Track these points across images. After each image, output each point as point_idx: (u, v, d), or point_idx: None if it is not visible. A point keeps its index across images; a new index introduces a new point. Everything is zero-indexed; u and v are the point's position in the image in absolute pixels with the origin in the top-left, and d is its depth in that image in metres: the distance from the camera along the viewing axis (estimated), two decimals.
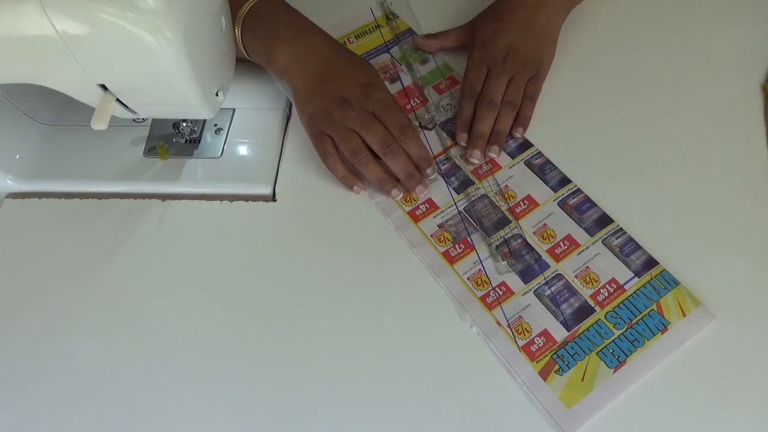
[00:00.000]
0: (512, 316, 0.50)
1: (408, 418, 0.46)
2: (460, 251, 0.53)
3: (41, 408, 0.49)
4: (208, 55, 0.48)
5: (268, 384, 0.49)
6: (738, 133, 0.57)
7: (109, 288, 0.54)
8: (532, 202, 0.55)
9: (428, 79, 0.64)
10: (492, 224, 0.54)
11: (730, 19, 0.64)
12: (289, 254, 0.54)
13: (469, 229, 0.54)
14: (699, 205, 0.54)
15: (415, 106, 0.62)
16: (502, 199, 0.55)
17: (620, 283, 0.50)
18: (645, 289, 0.50)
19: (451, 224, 0.55)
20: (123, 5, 0.40)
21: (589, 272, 0.51)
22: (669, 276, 0.50)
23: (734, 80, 0.60)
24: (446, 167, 0.58)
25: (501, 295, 0.51)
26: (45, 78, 0.46)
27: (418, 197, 0.56)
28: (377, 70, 0.59)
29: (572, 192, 0.55)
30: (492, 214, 0.55)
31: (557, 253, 0.52)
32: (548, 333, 0.49)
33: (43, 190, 0.60)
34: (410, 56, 0.65)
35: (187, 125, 0.60)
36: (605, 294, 0.50)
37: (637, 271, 0.51)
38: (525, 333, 0.49)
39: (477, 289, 0.51)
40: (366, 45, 0.67)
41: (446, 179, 0.57)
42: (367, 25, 0.69)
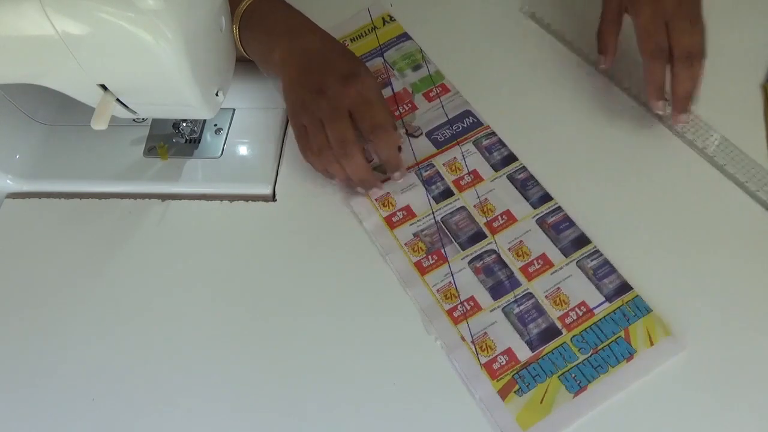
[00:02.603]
0: (477, 332, 0.49)
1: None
2: (433, 262, 0.53)
3: (41, 408, 0.49)
4: (208, 55, 0.48)
5: (268, 383, 0.49)
6: (738, 133, 0.57)
7: (109, 288, 0.54)
8: (510, 218, 0.54)
9: (419, 86, 0.63)
10: (467, 238, 0.53)
11: (730, 20, 0.64)
12: (288, 254, 0.54)
13: (444, 241, 0.54)
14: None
15: (403, 112, 0.61)
16: (481, 212, 0.55)
17: (590, 307, 0.50)
18: (614, 315, 0.49)
19: (427, 234, 0.54)
20: (123, 5, 0.40)
21: (560, 293, 0.50)
22: (641, 303, 0.49)
23: (734, 80, 0.60)
24: (428, 174, 0.57)
25: (468, 309, 0.50)
26: (45, 78, 0.46)
27: (395, 203, 0.56)
28: None
29: (552, 210, 0.54)
30: (468, 227, 0.54)
31: (530, 271, 0.52)
32: (512, 352, 0.48)
33: (43, 190, 0.60)
34: (402, 61, 0.64)
35: (187, 125, 0.60)
36: (573, 317, 0.49)
37: (609, 296, 0.50)
38: (488, 350, 0.48)
39: (445, 302, 0.51)
40: (360, 48, 0.66)
41: (426, 187, 0.56)
42: (363, 27, 0.68)
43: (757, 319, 0.48)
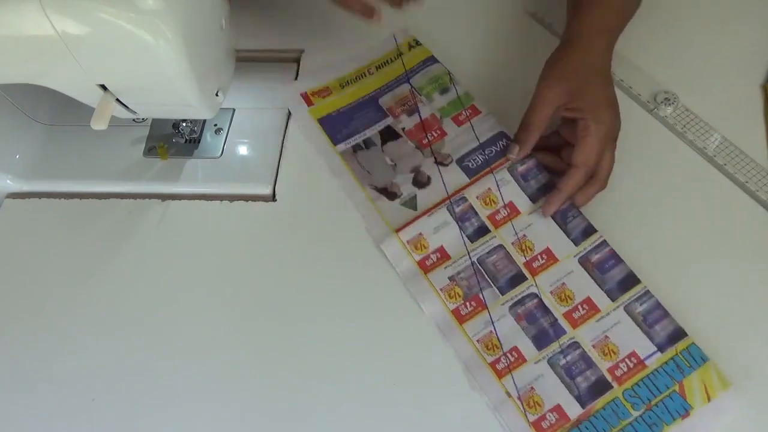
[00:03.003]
0: (523, 387, 0.46)
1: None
2: (471, 309, 0.50)
3: (41, 408, 0.49)
4: (208, 55, 0.48)
5: (267, 383, 0.49)
6: (739, 133, 0.57)
7: (108, 288, 0.54)
8: (550, 257, 0.51)
9: (447, 110, 0.60)
10: (506, 281, 0.50)
11: (730, 20, 0.64)
12: (288, 254, 0.54)
13: (482, 285, 0.50)
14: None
15: (432, 140, 0.58)
16: (519, 251, 0.51)
17: (641, 358, 0.46)
18: (668, 366, 0.46)
19: (463, 278, 0.51)
20: (123, 5, 0.40)
21: (608, 342, 0.47)
22: (697, 351, 0.46)
23: (734, 80, 0.60)
24: (461, 209, 0.53)
25: (512, 362, 0.47)
26: (45, 78, 0.46)
27: (428, 244, 0.52)
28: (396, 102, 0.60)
29: (596, 245, 0.51)
30: (507, 268, 0.51)
31: (575, 317, 0.48)
32: (561, 409, 0.45)
33: (43, 190, 0.60)
34: (429, 86, 0.61)
35: (187, 125, 0.60)
36: (624, 369, 0.46)
37: (661, 345, 0.47)
38: (536, 407, 0.45)
39: (487, 353, 0.48)
40: (386, 76, 0.63)
41: (460, 224, 0.53)
42: (389, 54, 0.65)
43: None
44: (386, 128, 0.60)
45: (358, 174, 0.57)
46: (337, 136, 0.59)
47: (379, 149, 0.59)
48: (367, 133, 0.60)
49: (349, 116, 0.61)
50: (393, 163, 0.58)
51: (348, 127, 0.60)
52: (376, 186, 0.56)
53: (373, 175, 0.57)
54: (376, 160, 0.58)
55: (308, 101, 0.62)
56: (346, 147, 0.59)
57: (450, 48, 0.64)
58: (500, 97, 0.60)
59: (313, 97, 0.62)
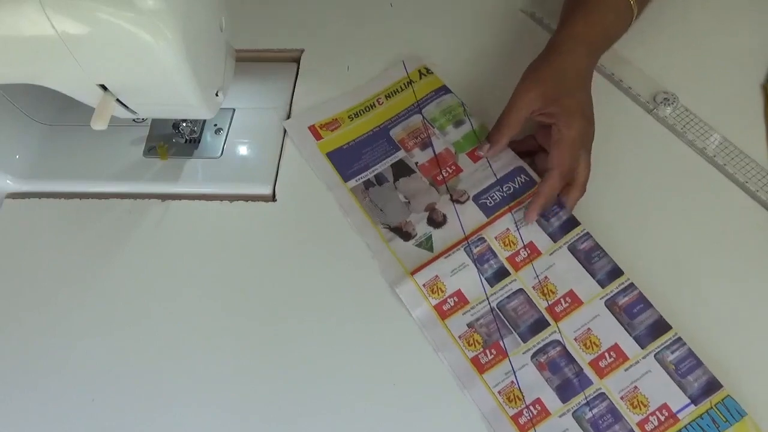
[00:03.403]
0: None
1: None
2: (491, 358, 0.47)
3: (41, 408, 0.49)
4: (207, 55, 0.48)
5: (267, 383, 0.49)
6: (739, 133, 0.57)
7: (108, 288, 0.54)
8: (575, 300, 0.48)
9: (462, 144, 0.57)
10: (528, 327, 0.48)
11: (729, 20, 0.64)
12: (289, 254, 0.54)
13: (502, 332, 0.48)
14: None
15: (446, 176, 0.56)
16: (541, 294, 0.49)
17: (673, 411, 0.44)
18: (702, 421, 0.43)
19: (482, 324, 0.48)
20: (123, 5, 0.40)
21: (637, 394, 0.44)
22: (733, 405, 0.43)
23: (734, 80, 0.60)
24: (479, 250, 0.51)
25: (535, 415, 0.45)
26: (45, 78, 0.46)
27: (446, 287, 0.50)
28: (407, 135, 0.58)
29: (623, 288, 0.48)
30: (528, 313, 0.49)
31: (601, 366, 0.46)
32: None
33: (43, 190, 0.60)
34: (442, 117, 0.59)
35: (187, 125, 0.60)
36: (655, 423, 0.43)
37: (694, 397, 0.44)
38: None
39: (509, 405, 0.45)
40: (396, 106, 0.60)
41: (478, 266, 0.50)
42: (399, 82, 0.62)
43: None
44: (398, 162, 0.57)
45: (370, 211, 0.55)
46: (348, 172, 0.57)
47: (392, 185, 0.56)
48: (378, 168, 0.57)
49: (359, 150, 0.58)
50: (407, 200, 0.55)
51: (359, 161, 0.58)
52: (389, 225, 0.54)
53: (385, 213, 0.55)
54: (389, 197, 0.56)
55: (317, 135, 0.59)
56: (357, 183, 0.56)
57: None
58: None
59: (321, 130, 0.60)
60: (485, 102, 0.59)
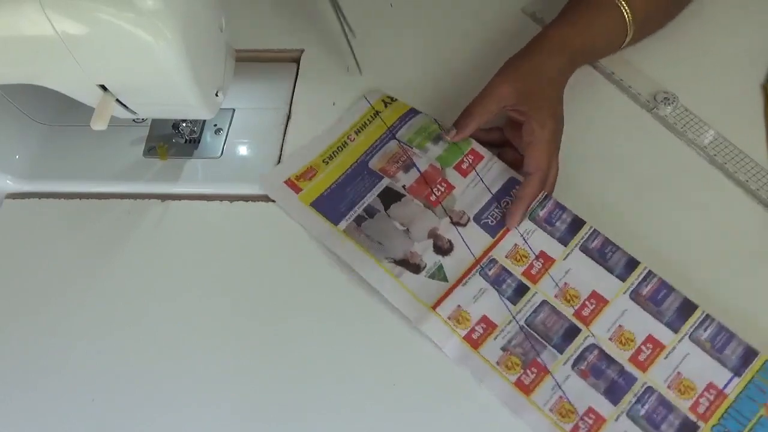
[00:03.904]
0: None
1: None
2: (534, 377, 0.46)
3: (41, 408, 0.49)
4: (207, 55, 0.48)
5: (267, 384, 0.49)
6: (739, 132, 0.57)
7: (108, 288, 0.54)
8: (599, 300, 0.48)
9: (447, 158, 0.55)
10: (561, 337, 0.47)
11: (729, 20, 0.64)
12: (288, 254, 0.54)
13: (538, 348, 0.47)
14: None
15: (439, 196, 0.54)
16: (565, 302, 0.48)
17: (720, 388, 0.44)
18: (749, 391, 0.43)
19: (516, 344, 0.47)
20: (123, 5, 0.40)
21: (682, 379, 0.44)
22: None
23: (734, 80, 0.60)
24: (493, 272, 0.50)
25: (591, 424, 0.44)
26: (45, 78, 0.46)
27: (470, 316, 0.48)
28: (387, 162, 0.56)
29: (643, 277, 0.48)
30: (557, 324, 0.48)
31: (641, 360, 0.46)
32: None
33: (43, 190, 0.60)
34: (418, 137, 0.57)
35: (187, 125, 0.60)
36: (706, 404, 0.43)
37: (736, 369, 0.44)
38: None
39: (563, 421, 0.44)
40: (369, 138, 0.58)
41: (497, 288, 0.49)
42: (365, 115, 0.59)
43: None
44: (385, 189, 0.55)
45: (369, 249, 0.52)
46: (336, 215, 0.54)
47: (385, 215, 0.54)
48: (366, 201, 0.54)
49: (341, 191, 0.55)
50: (404, 227, 0.53)
51: (344, 201, 0.55)
52: (394, 258, 0.51)
53: (385, 246, 0.52)
54: (385, 228, 0.53)
55: (295, 188, 0.56)
56: (348, 223, 0.53)
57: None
58: None
59: (298, 182, 0.56)
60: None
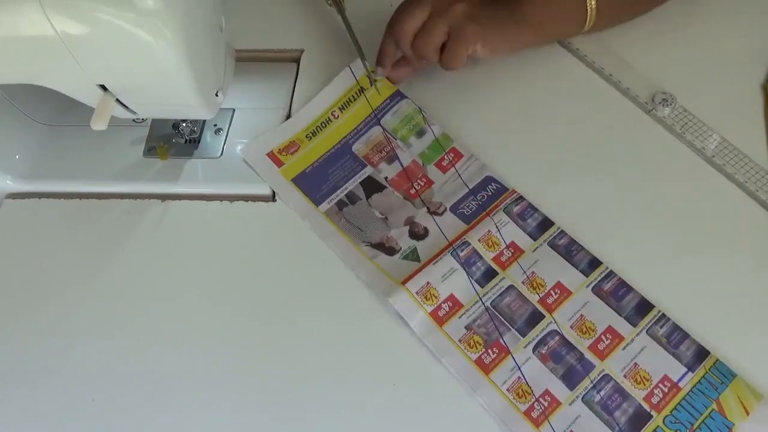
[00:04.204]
0: None
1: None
2: (494, 356, 0.47)
3: (41, 408, 0.49)
4: (207, 55, 0.48)
5: (267, 384, 0.49)
6: (738, 133, 0.57)
7: (108, 288, 0.54)
8: (564, 290, 0.49)
9: (429, 155, 0.57)
10: (524, 321, 0.49)
11: (730, 19, 0.64)
12: (289, 254, 0.54)
13: (501, 329, 0.48)
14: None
15: (419, 189, 0.56)
16: (531, 289, 0.50)
17: (674, 381, 0.45)
18: (701, 385, 0.45)
19: (480, 324, 0.49)
20: (123, 5, 0.40)
21: (638, 370, 0.46)
22: (724, 367, 0.45)
23: (734, 80, 0.60)
24: (465, 254, 0.51)
25: (546, 406, 0.45)
26: (45, 78, 0.46)
27: (438, 293, 0.50)
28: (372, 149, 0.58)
29: (605, 275, 0.50)
30: (522, 308, 0.49)
31: (600, 349, 0.47)
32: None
33: (43, 190, 0.60)
34: (403, 128, 0.58)
35: (187, 125, 0.60)
36: (660, 395, 0.45)
37: (690, 365, 0.45)
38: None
39: (519, 401, 0.45)
40: (353, 118, 0.59)
41: (467, 269, 0.51)
42: (350, 90, 0.60)
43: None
44: (368, 179, 0.57)
45: (349, 233, 0.54)
46: (317, 196, 0.56)
47: (366, 203, 0.56)
48: (348, 187, 0.56)
49: (324, 171, 0.57)
50: (383, 216, 0.55)
51: (326, 182, 0.57)
52: (371, 242, 0.54)
53: (364, 231, 0.54)
54: (365, 215, 0.55)
55: (277, 161, 0.58)
56: (329, 206, 0.56)
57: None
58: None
59: (281, 156, 0.58)
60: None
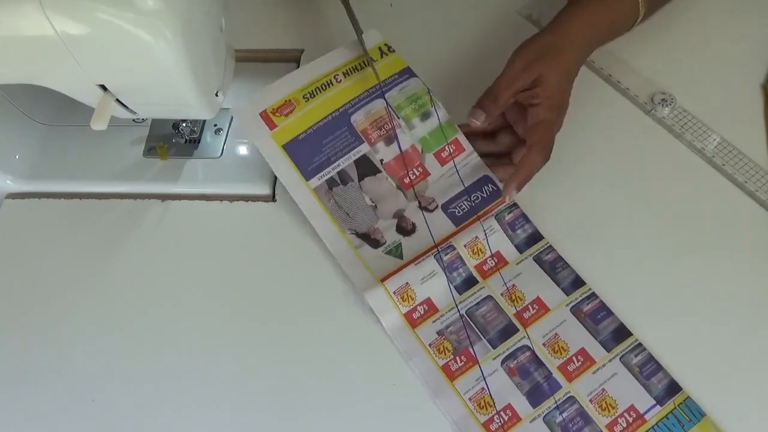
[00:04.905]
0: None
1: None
2: (462, 365, 0.47)
3: (41, 408, 0.49)
4: (207, 55, 0.48)
5: (267, 384, 0.49)
6: (738, 133, 0.57)
7: (108, 288, 0.54)
8: (542, 307, 0.49)
9: (430, 142, 0.55)
10: (497, 333, 0.48)
11: (730, 19, 0.64)
12: (288, 254, 0.54)
13: (472, 338, 0.48)
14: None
15: (414, 179, 0.54)
16: (509, 301, 0.49)
17: (640, 412, 0.44)
18: (668, 421, 0.44)
19: (452, 331, 0.48)
20: (123, 5, 0.40)
21: (605, 396, 0.45)
22: (694, 405, 0.44)
23: (734, 80, 0.60)
24: (449, 258, 0.51)
25: (506, 420, 0.45)
26: (44, 78, 0.46)
27: (415, 295, 0.49)
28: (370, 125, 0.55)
29: (586, 296, 0.49)
30: (497, 320, 0.49)
31: (570, 370, 0.46)
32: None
33: (43, 190, 0.60)
34: (408, 107, 0.55)
35: (187, 125, 0.60)
36: (623, 424, 0.44)
37: (660, 398, 0.45)
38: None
39: (479, 412, 0.45)
40: (356, 86, 0.55)
41: (447, 274, 0.50)
42: (357, 59, 0.57)
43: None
44: (362, 158, 0.54)
45: (336, 216, 0.53)
46: (308, 169, 0.54)
47: (357, 186, 0.54)
48: (341, 164, 0.54)
49: (318, 140, 0.54)
50: (373, 203, 0.54)
51: (319, 154, 0.54)
52: (357, 231, 0.53)
53: (352, 218, 0.53)
54: (356, 201, 0.54)
55: (270, 123, 0.54)
56: (320, 182, 0.53)
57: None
58: None
59: (274, 117, 0.54)
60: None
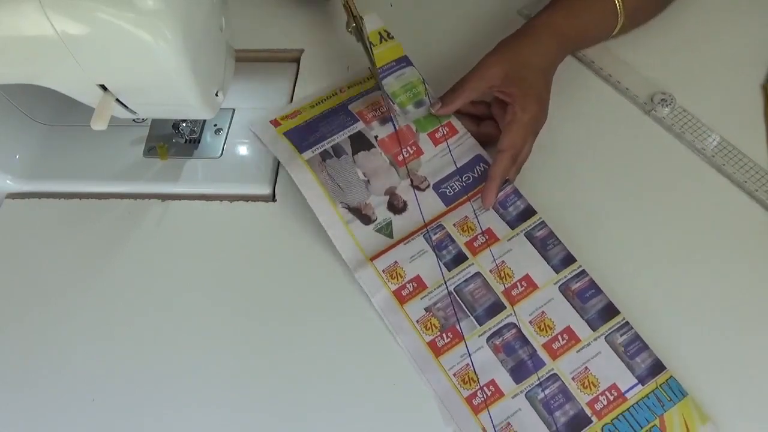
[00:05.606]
0: (500, 423, 0.44)
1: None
2: (448, 341, 0.48)
3: (41, 408, 0.49)
4: (207, 55, 0.48)
5: (267, 384, 0.49)
6: (738, 133, 0.57)
7: (108, 288, 0.54)
8: (530, 284, 0.49)
9: (423, 124, 0.56)
10: (484, 310, 0.49)
11: (730, 19, 0.64)
12: (288, 254, 0.54)
13: (459, 315, 0.49)
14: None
15: (407, 157, 0.55)
16: (498, 278, 0.50)
17: (621, 391, 0.45)
18: (648, 400, 0.44)
19: (440, 308, 0.49)
20: (123, 5, 0.40)
21: (588, 374, 0.46)
22: (676, 385, 0.45)
23: (734, 80, 0.60)
24: (438, 237, 0.52)
25: (489, 396, 0.46)
26: (44, 78, 0.46)
27: (405, 273, 0.50)
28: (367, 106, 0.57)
29: (576, 274, 0.49)
30: (485, 297, 0.49)
31: (554, 348, 0.47)
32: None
33: (43, 190, 0.60)
34: (403, 94, 0.57)
35: (187, 125, 0.60)
36: (604, 402, 0.45)
37: (642, 377, 0.45)
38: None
39: (463, 387, 0.46)
40: (358, 89, 0.59)
41: (437, 252, 0.51)
42: (362, 77, 0.61)
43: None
44: (357, 134, 0.56)
45: (329, 189, 0.54)
46: (303, 144, 0.56)
47: (350, 159, 0.55)
48: (336, 139, 0.56)
49: (315, 125, 0.57)
50: (366, 178, 0.55)
51: (315, 133, 0.56)
52: (348, 205, 0.54)
53: (345, 191, 0.54)
54: (348, 173, 0.55)
55: (276, 124, 0.59)
56: (313, 154, 0.55)
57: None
58: None
59: (282, 121, 0.59)
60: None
